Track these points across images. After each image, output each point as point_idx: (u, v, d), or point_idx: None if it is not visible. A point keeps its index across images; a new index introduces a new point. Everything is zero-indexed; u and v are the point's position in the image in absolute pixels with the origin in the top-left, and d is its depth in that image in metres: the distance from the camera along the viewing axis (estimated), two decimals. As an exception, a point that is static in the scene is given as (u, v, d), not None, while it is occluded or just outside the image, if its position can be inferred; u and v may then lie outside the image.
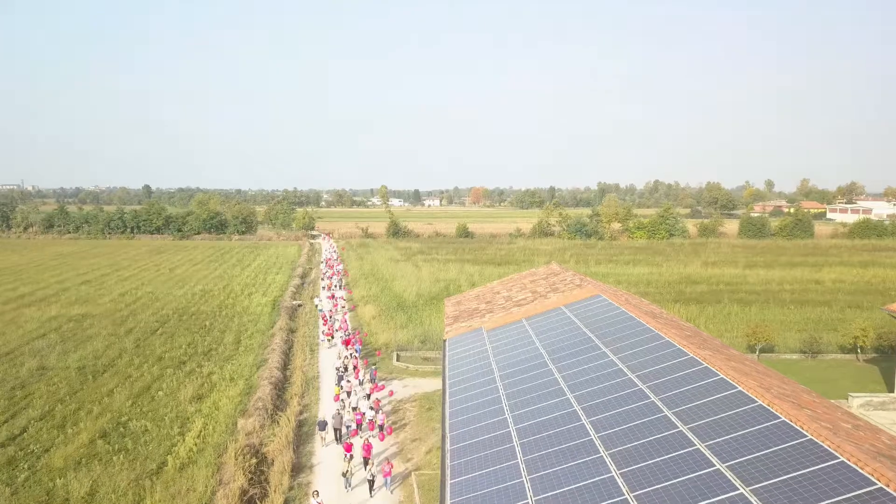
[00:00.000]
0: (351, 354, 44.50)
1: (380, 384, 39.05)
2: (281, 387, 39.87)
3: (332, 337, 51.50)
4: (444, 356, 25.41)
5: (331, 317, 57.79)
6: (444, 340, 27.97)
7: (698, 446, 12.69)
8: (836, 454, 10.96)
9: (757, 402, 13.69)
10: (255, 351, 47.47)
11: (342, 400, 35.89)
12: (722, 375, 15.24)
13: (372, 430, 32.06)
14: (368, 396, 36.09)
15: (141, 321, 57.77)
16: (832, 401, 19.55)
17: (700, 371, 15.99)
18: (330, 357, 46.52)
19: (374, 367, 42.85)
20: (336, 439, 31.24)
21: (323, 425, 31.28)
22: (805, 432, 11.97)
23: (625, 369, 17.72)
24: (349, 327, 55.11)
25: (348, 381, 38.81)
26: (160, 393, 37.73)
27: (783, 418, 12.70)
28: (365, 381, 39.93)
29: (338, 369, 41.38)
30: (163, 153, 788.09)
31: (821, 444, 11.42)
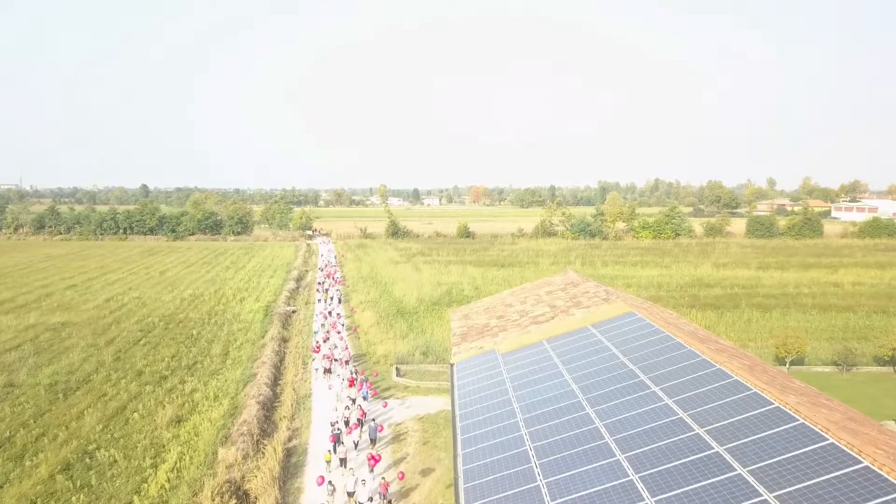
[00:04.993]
0: (355, 401, 34.59)
1: (378, 455, 28.27)
2: (269, 406, 36.29)
3: (329, 366, 41.30)
4: (453, 386, 21.73)
5: (325, 341, 48.50)
6: (452, 364, 24.30)
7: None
8: None
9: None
10: (244, 364, 43.86)
11: (329, 483, 24.94)
12: (832, 440, 11.56)
13: None
14: (371, 470, 26.83)
15: (124, 330, 54.12)
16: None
17: (796, 429, 12.31)
18: (326, 393, 37.50)
19: (373, 420, 31.33)
20: None
21: None
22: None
23: (686, 419, 14.04)
24: (351, 356, 45.24)
25: (342, 444, 28.63)
26: (135, 415, 34.16)
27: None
28: (361, 442, 30.52)
29: (333, 425, 30.25)
30: (161, 153, 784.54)
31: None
